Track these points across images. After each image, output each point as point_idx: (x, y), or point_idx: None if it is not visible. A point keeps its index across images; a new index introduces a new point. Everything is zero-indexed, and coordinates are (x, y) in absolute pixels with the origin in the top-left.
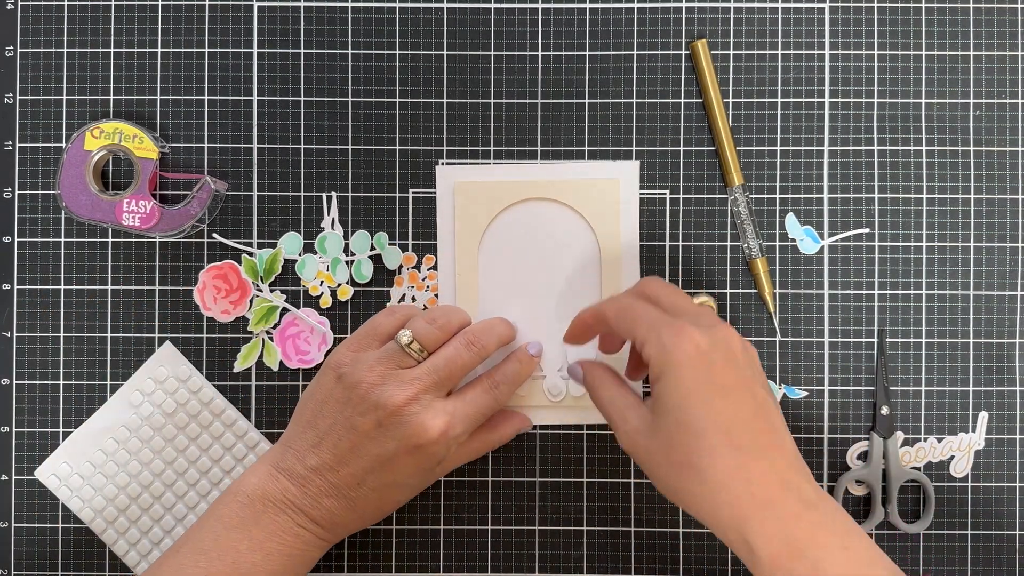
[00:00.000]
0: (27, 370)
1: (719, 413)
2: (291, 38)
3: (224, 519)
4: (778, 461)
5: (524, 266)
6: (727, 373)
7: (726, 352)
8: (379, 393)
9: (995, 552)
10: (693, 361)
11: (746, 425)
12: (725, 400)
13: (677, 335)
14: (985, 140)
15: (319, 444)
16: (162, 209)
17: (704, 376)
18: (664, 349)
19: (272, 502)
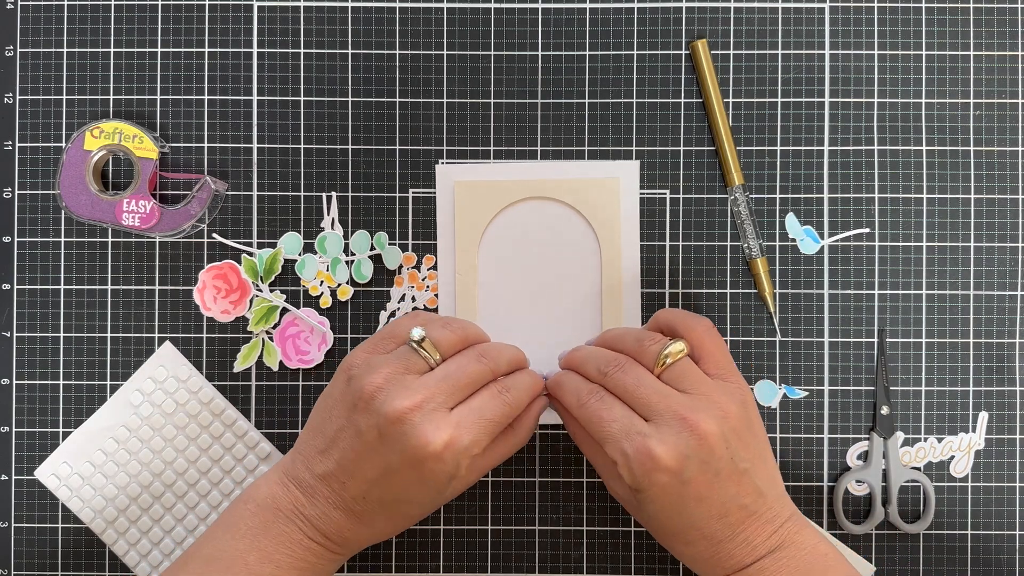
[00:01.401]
0: (27, 370)
1: (694, 518)
2: (291, 38)
3: (233, 528)
4: (750, 530)
5: (524, 266)
6: (701, 482)
7: (700, 459)
8: (382, 399)
9: (995, 552)
10: (665, 485)
11: (720, 518)
12: (699, 506)
13: (644, 462)
14: (985, 140)
15: (327, 450)
16: (162, 209)
17: (676, 494)
18: (633, 476)
19: (282, 512)
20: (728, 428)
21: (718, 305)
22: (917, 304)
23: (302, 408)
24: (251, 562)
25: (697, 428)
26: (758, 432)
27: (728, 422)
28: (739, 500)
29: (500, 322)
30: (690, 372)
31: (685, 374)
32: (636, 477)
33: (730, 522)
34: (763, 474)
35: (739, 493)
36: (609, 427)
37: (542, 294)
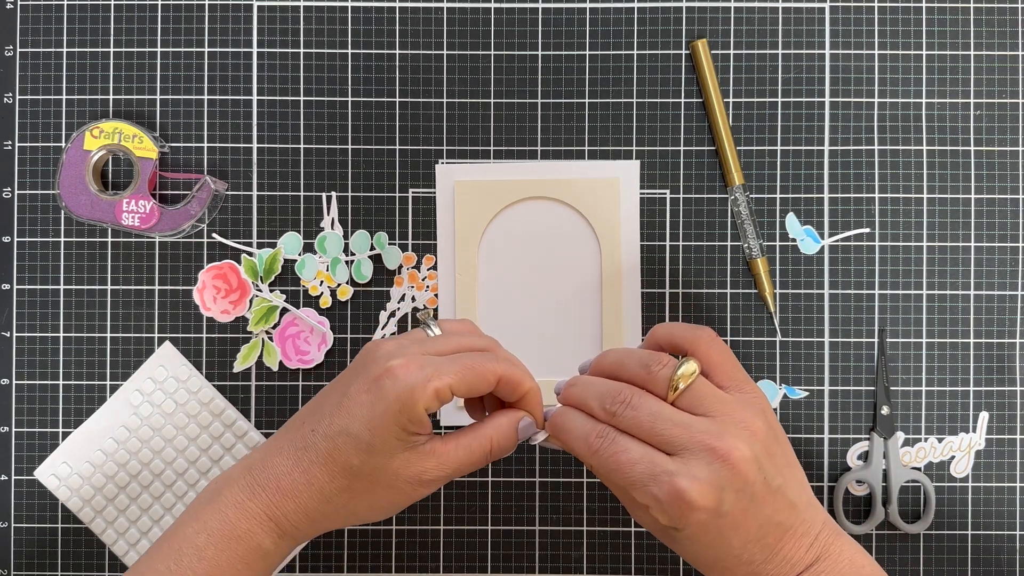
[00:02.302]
0: (27, 370)
1: (731, 546)
2: (291, 38)
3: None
4: (787, 548)
5: (524, 265)
6: (737, 510)
7: (735, 490)
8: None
9: (995, 552)
10: (702, 523)
11: (757, 542)
12: (736, 534)
13: (678, 504)
14: (986, 140)
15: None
16: (162, 209)
17: (714, 527)
18: (670, 518)
19: (226, 476)
20: (759, 449)
21: (718, 305)
22: (917, 304)
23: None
24: (188, 534)
25: (729, 457)
26: (783, 440)
27: (757, 441)
28: (774, 519)
29: (500, 321)
30: (707, 393)
31: (702, 397)
32: (672, 519)
33: (768, 543)
34: (794, 485)
35: (774, 512)
36: (631, 472)
37: (542, 294)
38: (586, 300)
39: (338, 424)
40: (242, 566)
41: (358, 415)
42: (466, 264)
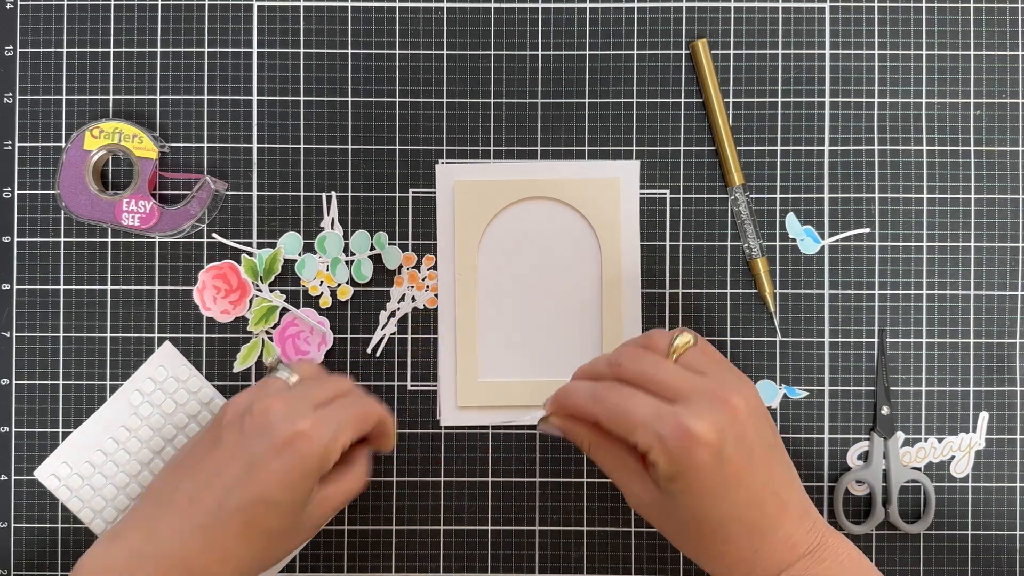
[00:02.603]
0: (27, 370)
1: (733, 505)
2: (291, 38)
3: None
4: (787, 525)
5: (524, 265)
6: (739, 461)
7: (735, 436)
8: (240, 401)
9: (995, 552)
10: (705, 465)
11: (758, 506)
12: (738, 491)
13: (682, 440)
14: (986, 140)
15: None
16: (162, 209)
17: (718, 475)
18: (672, 459)
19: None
20: (751, 406)
21: (718, 305)
22: (917, 304)
23: None
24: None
25: (728, 402)
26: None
27: (750, 400)
28: (772, 486)
29: (499, 322)
30: (702, 356)
31: (699, 361)
32: (674, 459)
33: (768, 512)
34: (785, 460)
35: (771, 479)
36: (636, 414)
37: (542, 294)
38: (586, 300)
39: (253, 494)
40: None
41: (275, 482)
42: (466, 264)
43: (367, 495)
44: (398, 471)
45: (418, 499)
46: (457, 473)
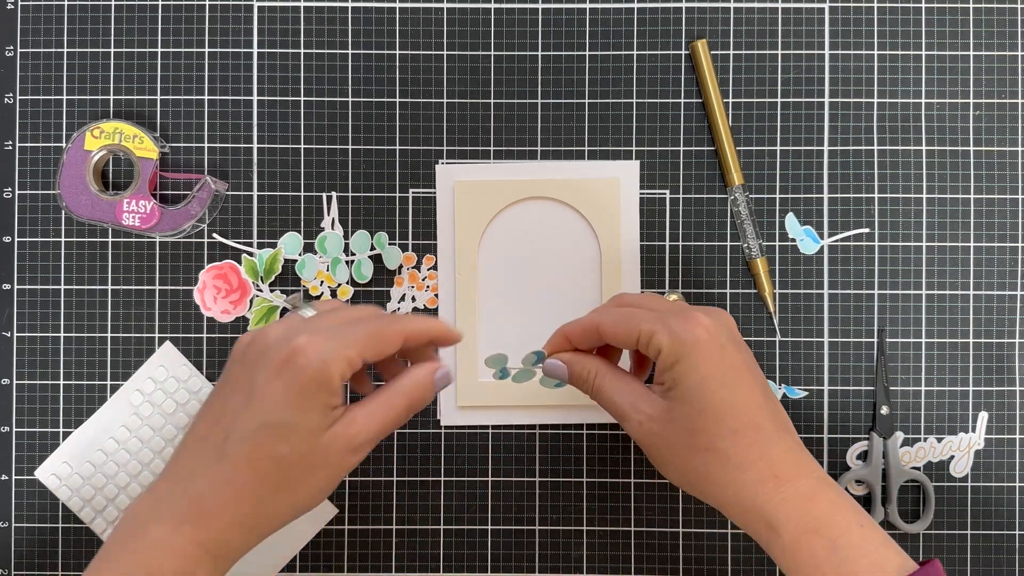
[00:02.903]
0: (27, 370)
1: (737, 395)
2: (291, 38)
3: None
4: (792, 441)
5: (524, 265)
6: (736, 355)
7: (731, 335)
8: (245, 335)
9: (995, 552)
10: (707, 346)
11: (760, 406)
12: (741, 381)
13: (687, 322)
14: (985, 140)
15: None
16: (162, 209)
17: (718, 360)
18: (677, 336)
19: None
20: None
21: (718, 305)
22: (917, 304)
23: None
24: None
25: (721, 314)
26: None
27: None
28: (774, 404)
29: (500, 321)
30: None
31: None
32: (679, 334)
33: (774, 419)
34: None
35: (772, 398)
36: (642, 319)
37: (542, 294)
38: (586, 300)
39: (255, 420)
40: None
41: (274, 403)
42: (466, 264)
43: (367, 495)
44: (398, 471)
45: (418, 499)
46: (457, 473)
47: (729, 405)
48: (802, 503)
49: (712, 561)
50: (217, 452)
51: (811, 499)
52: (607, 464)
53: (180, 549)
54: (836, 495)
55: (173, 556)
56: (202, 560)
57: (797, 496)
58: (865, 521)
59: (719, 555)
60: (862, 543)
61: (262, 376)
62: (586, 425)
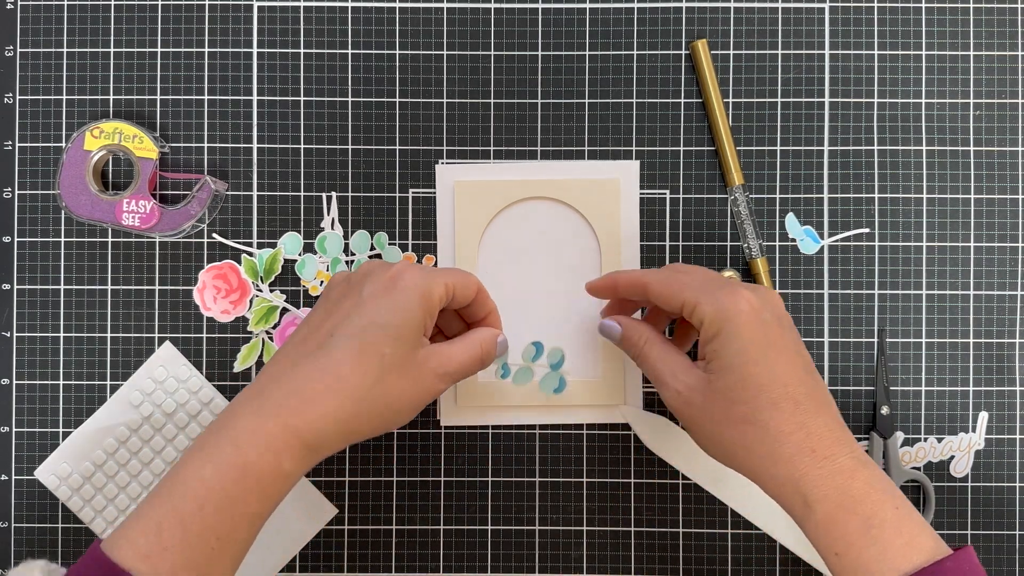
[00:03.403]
0: (27, 370)
1: (777, 368)
2: (291, 38)
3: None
4: (832, 419)
5: (524, 265)
6: (778, 331)
7: (775, 312)
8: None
9: (995, 552)
10: (749, 318)
11: (801, 381)
12: (780, 356)
13: (731, 295)
14: (985, 140)
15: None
16: (162, 209)
17: (760, 333)
18: (721, 307)
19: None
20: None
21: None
22: (917, 304)
23: None
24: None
25: (768, 291)
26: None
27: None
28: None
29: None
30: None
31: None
32: (723, 306)
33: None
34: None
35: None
36: (688, 286)
37: (542, 294)
38: (586, 300)
39: (365, 320)
40: (257, 493)
41: (384, 309)
42: (466, 264)
43: (367, 495)
44: (398, 471)
45: (418, 499)
46: (457, 473)
47: (768, 378)
48: (838, 479)
49: (712, 561)
50: (321, 347)
51: (848, 476)
52: (607, 464)
53: (271, 431)
54: (873, 475)
55: (263, 440)
56: (292, 446)
57: (834, 472)
58: (901, 504)
59: (719, 555)
60: (897, 524)
61: (369, 289)
62: (586, 425)
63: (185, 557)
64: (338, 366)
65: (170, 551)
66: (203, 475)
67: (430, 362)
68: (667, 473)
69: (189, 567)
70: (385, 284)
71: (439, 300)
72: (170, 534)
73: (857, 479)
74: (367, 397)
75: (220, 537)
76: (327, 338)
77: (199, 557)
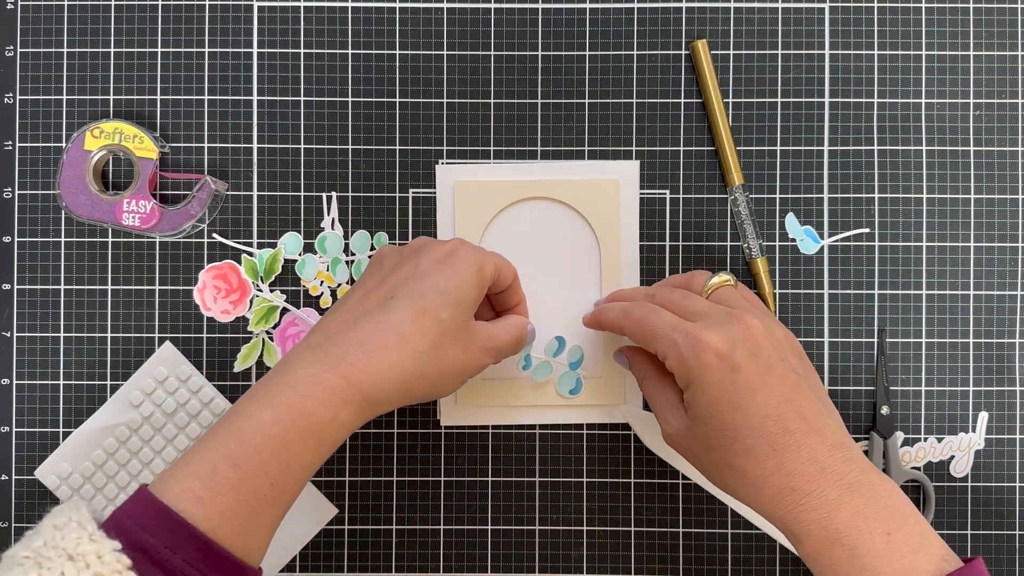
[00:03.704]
0: (27, 370)
1: (749, 414)
2: (291, 38)
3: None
4: (816, 448)
5: (524, 265)
6: (751, 371)
7: (748, 348)
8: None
9: (995, 552)
10: (714, 370)
11: (778, 420)
12: (753, 399)
13: (694, 346)
14: (985, 140)
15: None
16: (162, 209)
17: (729, 381)
18: (684, 363)
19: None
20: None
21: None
22: (917, 304)
23: None
24: (251, 413)
25: (743, 319)
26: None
27: (770, 326)
28: (795, 405)
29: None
30: (737, 296)
31: (731, 297)
32: (686, 361)
33: (790, 428)
34: (819, 392)
35: (795, 400)
36: (657, 324)
37: (541, 294)
38: (586, 300)
39: (424, 285)
40: (313, 441)
41: (442, 276)
42: None
43: (367, 495)
44: (398, 471)
45: (418, 499)
46: (457, 473)
47: (742, 424)
48: (823, 513)
49: (712, 561)
50: (382, 307)
51: (832, 508)
52: (607, 464)
53: (333, 382)
54: (863, 503)
55: (324, 390)
56: (351, 398)
57: (819, 506)
58: (896, 527)
59: (719, 555)
60: (886, 551)
61: (427, 259)
62: (586, 425)
63: (238, 502)
64: (400, 323)
65: (224, 495)
66: (261, 420)
67: (480, 336)
68: (667, 473)
69: (240, 513)
70: (442, 255)
71: (490, 276)
72: (224, 477)
73: (843, 510)
74: (424, 358)
75: (273, 483)
76: (386, 299)
77: (251, 503)
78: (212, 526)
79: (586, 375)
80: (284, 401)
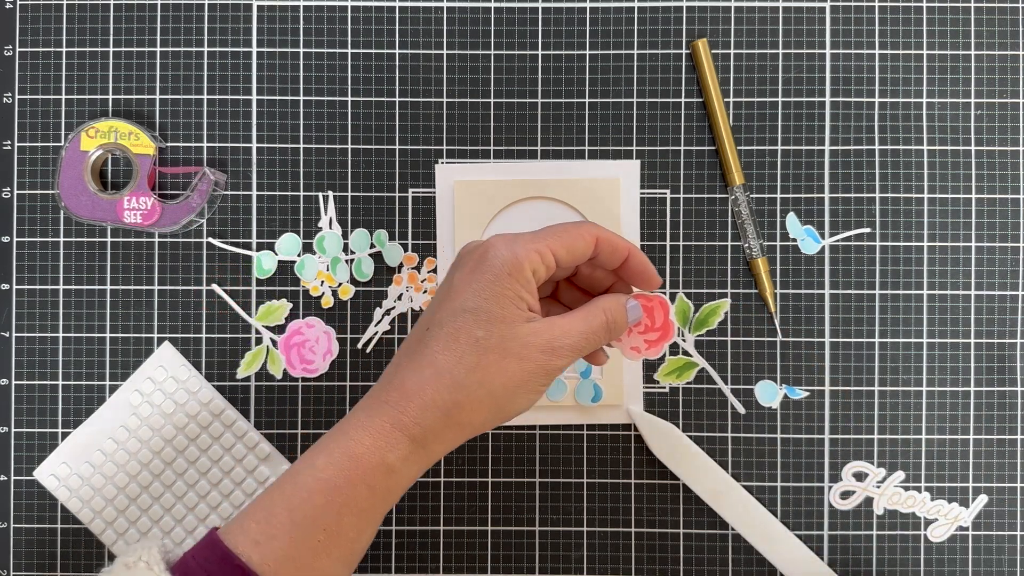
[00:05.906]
0: (26, 370)
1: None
2: (290, 37)
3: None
4: None
5: None
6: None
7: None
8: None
9: (995, 552)
10: None
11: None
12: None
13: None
14: (986, 140)
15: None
16: (163, 204)
17: None
18: None
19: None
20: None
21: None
22: (917, 304)
23: (302, 408)
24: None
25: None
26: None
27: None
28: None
29: None
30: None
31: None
32: None
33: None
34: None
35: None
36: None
37: None
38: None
39: (454, 306)
40: (364, 487)
41: (471, 292)
42: None
43: None
44: None
45: (418, 499)
46: (457, 473)
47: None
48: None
49: (712, 561)
50: (420, 342)
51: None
52: (607, 465)
53: (376, 428)
54: None
55: (370, 434)
56: (397, 441)
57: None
58: None
59: (719, 555)
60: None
61: (458, 274)
62: (586, 425)
63: (292, 546)
64: (434, 356)
65: (277, 539)
66: (315, 464)
67: (538, 338)
68: (667, 474)
69: (294, 558)
70: (471, 267)
71: (532, 268)
72: (279, 521)
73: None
74: (466, 384)
75: (327, 529)
76: (424, 332)
77: (305, 549)
78: (269, 571)
79: (602, 381)
80: (336, 446)
